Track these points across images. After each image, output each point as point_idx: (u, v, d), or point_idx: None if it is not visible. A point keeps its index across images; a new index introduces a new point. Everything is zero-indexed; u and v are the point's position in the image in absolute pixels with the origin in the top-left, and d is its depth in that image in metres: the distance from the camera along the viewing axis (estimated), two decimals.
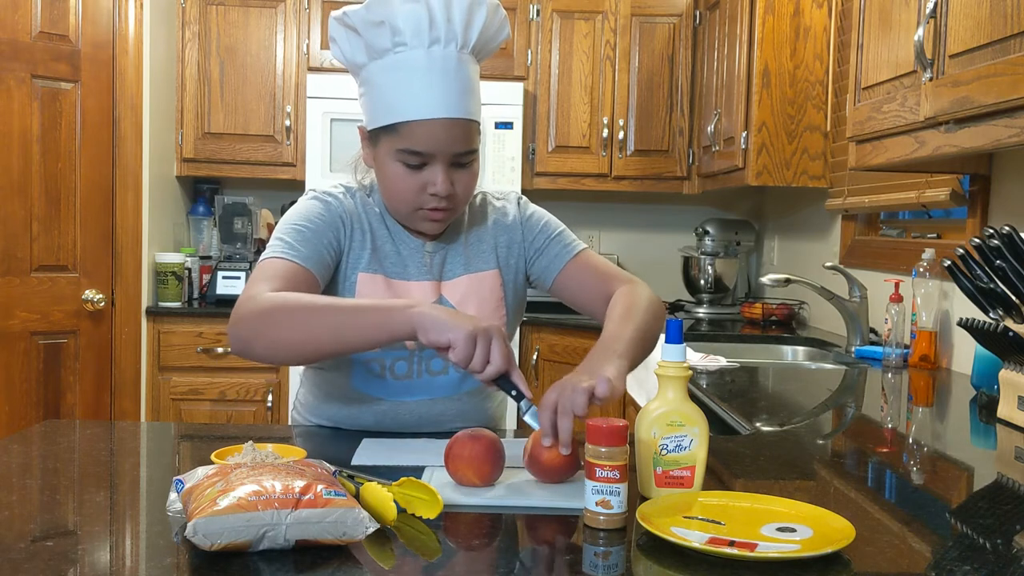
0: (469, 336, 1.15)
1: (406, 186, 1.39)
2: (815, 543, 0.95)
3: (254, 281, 1.33)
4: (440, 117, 1.35)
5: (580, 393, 1.14)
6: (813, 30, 3.11)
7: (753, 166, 3.11)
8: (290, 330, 1.25)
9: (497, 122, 3.63)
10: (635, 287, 1.49)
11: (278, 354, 1.29)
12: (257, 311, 1.26)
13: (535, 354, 3.52)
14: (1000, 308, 1.65)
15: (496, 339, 1.17)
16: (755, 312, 3.39)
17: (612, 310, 1.42)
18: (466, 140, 1.38)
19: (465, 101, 1.37)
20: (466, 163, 1.40)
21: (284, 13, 3.75)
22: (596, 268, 1.55)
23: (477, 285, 1.51)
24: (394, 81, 1.36)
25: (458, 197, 1.41)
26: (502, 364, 1.17)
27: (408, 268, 1.48)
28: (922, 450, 1.56)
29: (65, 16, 3.23)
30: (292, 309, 1.26)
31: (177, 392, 3.51)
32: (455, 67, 1.36)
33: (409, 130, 1.36)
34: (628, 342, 1.33)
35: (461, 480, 1.16)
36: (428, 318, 1.18)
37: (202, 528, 0.89)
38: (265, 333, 1.26)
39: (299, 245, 1.39)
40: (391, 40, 1.35)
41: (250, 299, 1.29)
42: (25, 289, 3.18)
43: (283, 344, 1.26)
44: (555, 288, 1.56)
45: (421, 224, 1.45)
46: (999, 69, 1.47)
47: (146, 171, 3.48)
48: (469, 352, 1.15)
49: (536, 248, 1.56)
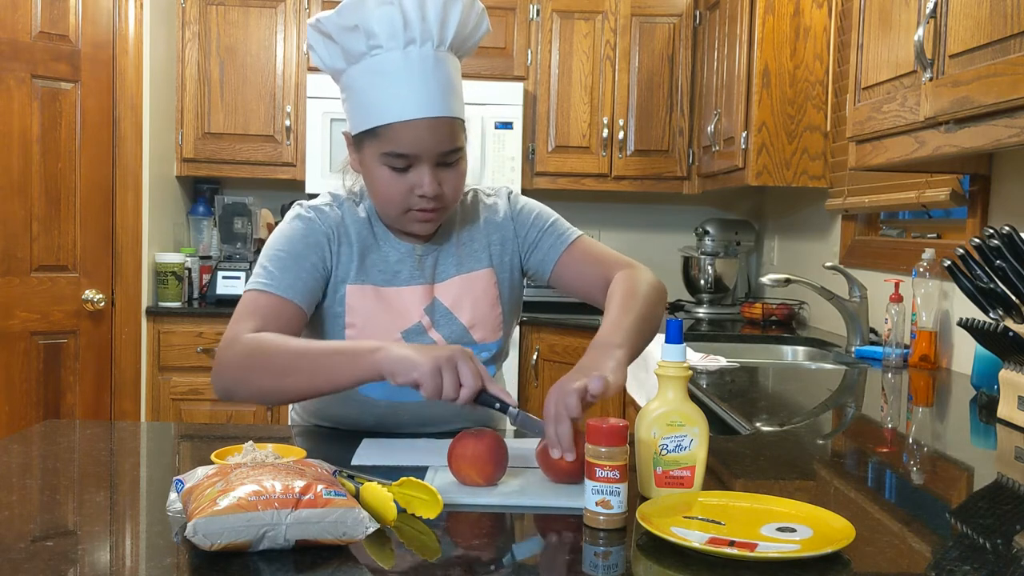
0: (433, 371, 1.15)
1: (393, 189, 1.39)
2: (815, 543, 0.95)
3: (236, 319, 1.36)
4: (421, 117, 1.34)
5: (571, 395, 1.14)
6: (813, 30, 3.11)
7: (753, 166, 3.11)
8: (266, 381, 1.30)
9: (497, 122, 3.63)
10: (634, 271, 1.47)
11: (259, 400, 1.35)
12: (236, 360, 1.31)
13: (535, 354, 3.52)
14: (1000, 308, 1.65)
15: (462, 362, 1.16)
16: (755, 312, 3.39)
17: (611, 297, 1.41)
18: (450, 139, 1.37)
19: (446, 99, 1.36)
20: (452, 162, 1.39)
21: (284, 13, 3.75)
22: (593, 254, 1.53)
23: (470, 285, 1.50)
24: (373, 84, 1.36)
25: (447, 196, 1.40)
26: (474, 384, 1.16)
27: (400, 274, 1.47)
28: (922, 450, 1.56)
29: (65, 16, 3.23)
30: (267, 358, 1.29)
31: (177, 392, 3.51)
32: (433, 66, 1.35)
33: (391, 133, 1.35)
34: (627, 331, 1.32)
35: (464, 480, 1.16)
36: (391, 362, 1.19)
37: (202, 528, 0.89)
38: (244, 383, 1.32)
39: (280, 273, 1.39)
40: (366, 43, 1.35)
41: (231, 344, 1.32)
42: (25, 289, 3.18)
43: (263, 392, 1.32)
44: (553, 279, 1.55)
45: (412, 226, 1.44)
46: (999, 69, 1.47)
47: (146, 171, 3.48)
48: (437, 384, 1.15)
49: (530, 242, 1.54)
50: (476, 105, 3.60)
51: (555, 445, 1.14)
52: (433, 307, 1.48)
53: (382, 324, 1.45)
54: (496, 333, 1.52)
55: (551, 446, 1.14)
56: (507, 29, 3.79)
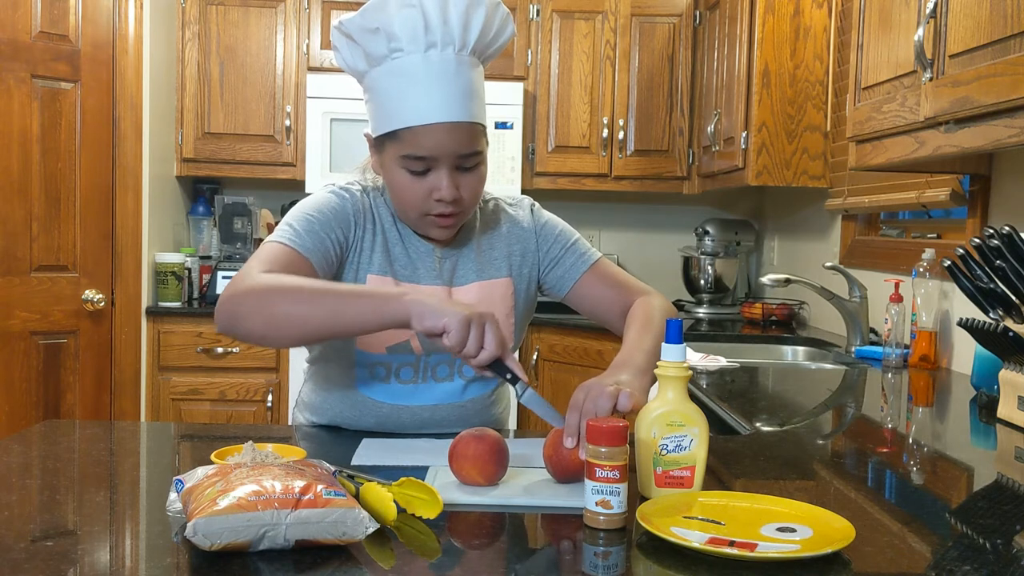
0: (463, 321, 1.15)
1: (412, 192, 1.39)
2: (815, 543, 0.95)
3: (251, 263, 1.33)
4: (441, 121, 1.34)
5: (606, 398, 1.15)
6: (813, 30, 3.11)
7: (753, 166, 3.11)
8: (288, 307, 1.24)
9: (497, 122, 3.63)
10: (651, 299, 1.51)
11: (271, 331, 1.26)
12: (254, 288, 1.25)
13: (535, 354, 3.52)
14: (1000, 308, 1.65)
15: (490, 325, 1.17)
16: (755, 312, 3.39)
17: (630, 324, 1.44)
18: (469, 143, 1.37)
19: (466, 104, 1.36)
20: (471, 166, 1.39)
21: (284, 13, 3.75)
22: (613, 279, 1.56)
23: (488, 293, 1.51)
24: (394, 87, 1.36)
25: (465, 201, 1.40)
26: (495, 350, 1.17)
27: (419, 271, 1.48)
28: (922, 450, 1.56)
29: (65, 16, 3.23)
30: (289, 288, 1.25)
31: (177, 392, 3.51)
32: (454, 70, 1.35)
33: (411, 136, 1.35)
34: (648, 355, 1.35)
35: (465, 479, 1.16)
36: (422, 305, 1.18)
37: (202, 528, 0.89)
38: (261, 310, 1.24)
39: (305, 234, 1.38)
40: (387, 46, 1.35)
41: (246, 276, 1.28)
42: (25, 289, 3.18)
43: (280, 320, 1.24)
44: (570, 298, 1.57)
45: (430, 230, 1.44)
46: (999, 69, 1.47)
47: (146, 171, 3.48)
48: (464, 336, 1.15)
49: (552, 258, 1.56)
50: None
51: (572, 435, 1.14)
52: None
53: None
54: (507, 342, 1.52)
55: (568, 434, 1.15)
56: None
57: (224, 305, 1.27)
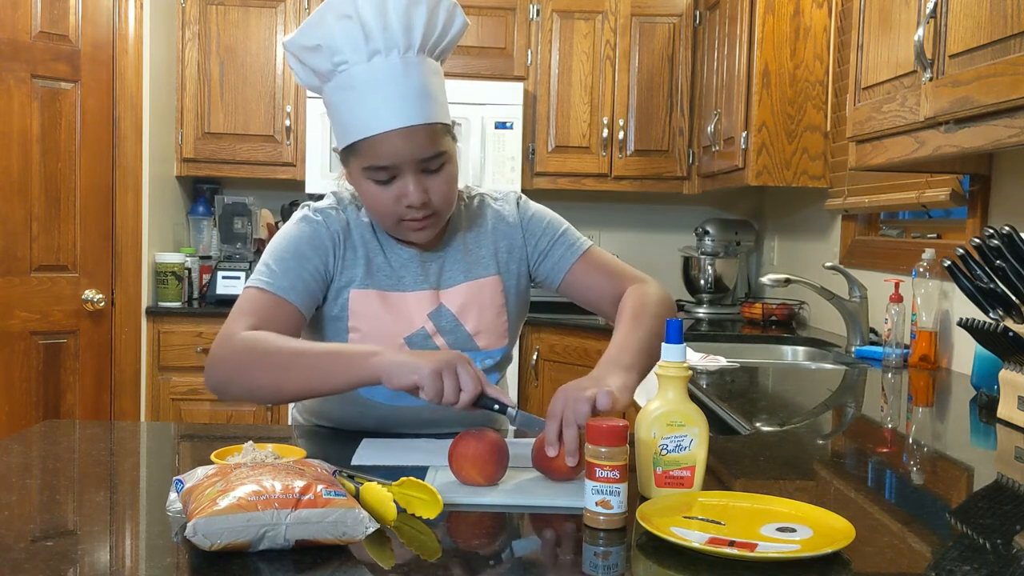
0: (434, 374, 1.15)
1: (381, 201, 1.38)
2: (815, 543, 0.95)
3: (233, 316, 1.36)
4: (394, 128, 1.32)
5: (583, 402, 1.14)
6: (813, 30, 3.11)
7: (753, 166, 3.11)
8: (262, 377, 1.29)
9: (497, 122, 3.63)
10: (644, 286, 1.48)
11: (252, 397, 1.34)
12: (232, 355, 1.30)
13: (535, 354, 3.52)
14: (1000, 308, 1.65)
15: (462, 368, 1.17)
16: (755, 312, 3.39)
17: (621, 315, 1.42)
18: (429, 145, 1.34)
19: (420, 106, 1.33)
20: (436, 168, 1.37)
21: (284, 13, 3.75)
22: (604, 267, 1.54)
23: (477, 292, 1.50)
24: (345, 100, 1.35)
25: (435, 204, 1.38)
26: (474, 389, 1.17)
27: (404, 279, 1.47)
28: (922, 450, 1.56)
29: (65, 16, 3.23)
30: (263, 354, 1.29)
31: (177, 392, 3.51)
32: (402, 74, 1.33)
33: (368, 146, 1.34)
34: (636, 352, 1.32)
35: (465, 479, 1.16)
36: (391, 365, 1.19)
37: (202, 528, 0.89)
38: (239, 378, 1.30)
39: (282, 274, 1.39)
40: (331, 61, 1.33)
41: (227, 339, 1.32)
42: (25, 289, 3.18)
43: (255, 389, 1.31)
44: (563, 288, 1.55)
45: (408, 235, 1.43)
46: (999, 69, 1.47)
47: (146, 171, 3.48)
48: (438, 387, 1.16)
49: (540, 250, 1.54)
50: (476, 105, 3.60)
51: (553, 444, 1.14)
52: (439, 313, 1.47)
53: (386, 329, 1.44)
54: (501, 340, 1.52)
55: (548, 444, 1.15)
56: (507, 29, 3.78)
57: (210, 371, 1.33)
